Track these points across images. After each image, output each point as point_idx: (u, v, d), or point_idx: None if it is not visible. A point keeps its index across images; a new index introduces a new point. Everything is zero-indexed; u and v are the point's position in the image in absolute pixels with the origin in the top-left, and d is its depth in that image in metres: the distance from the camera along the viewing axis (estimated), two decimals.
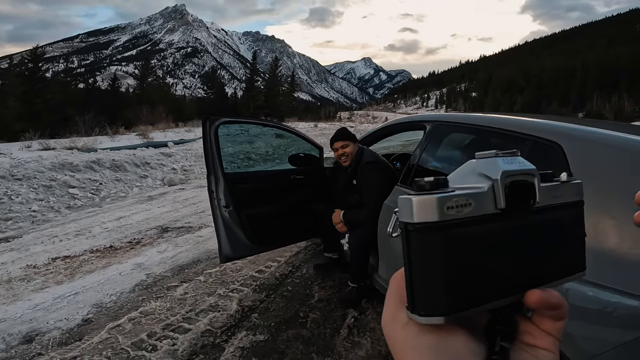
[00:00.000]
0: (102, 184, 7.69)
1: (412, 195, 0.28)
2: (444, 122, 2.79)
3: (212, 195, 2.98)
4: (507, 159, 0.31)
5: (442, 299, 0.27)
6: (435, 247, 0.27)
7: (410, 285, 0.28)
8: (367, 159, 3.19)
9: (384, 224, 2.80)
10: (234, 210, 3.00)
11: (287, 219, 3.38)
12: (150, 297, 3.43)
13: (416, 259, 0.28)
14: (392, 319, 0.31)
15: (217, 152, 2.94)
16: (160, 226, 5.40)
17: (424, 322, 0.28)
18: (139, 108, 35.25)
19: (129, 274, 3.86)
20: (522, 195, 0.29)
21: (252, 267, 3.98)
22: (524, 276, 0.30)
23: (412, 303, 0.28)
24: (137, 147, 11.25)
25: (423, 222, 0.27)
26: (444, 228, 0.27)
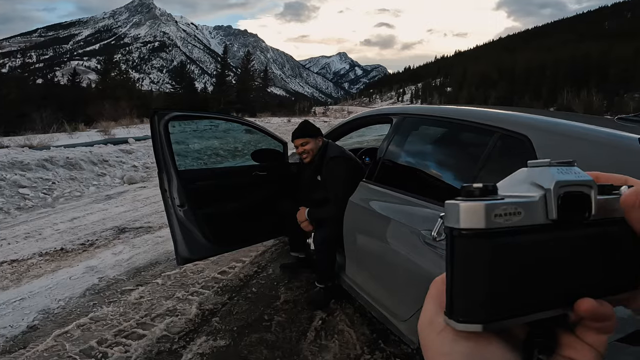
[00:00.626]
0: (55, 183, 7.37)
1: (459, 200, 0.28)
2: (410, 115, 2.75)
3: (165, 194, 2.88)
4: (562, 168, 0.30)
5: (481, 306, 0.27)
6: (479, 254, 0.27)
7: (450, 290, 0.28)
8: (332, 154, 3.13)
9: (350, 221, 2.76)
10: (189, 210, 2.91)
11: (250, 217, 3.31)
12: (102, 301, 3.29)
13: (459, 264, 0.28)
14: (429, 324, 0.31)
15: (168, 149, 2.86)
16: (117, 227, 5.21)
17: (461, 329, 0.28)
18: (101, 104, 34.39)
19: (80, 278, 3.69)
20: (576, 207, 0.29)
21: (215, 268, 3.88)
22: (569, 290, 0.29)
23: (450, 308, 0.28)
24: (94, 144, 10.84)
25: (469, 229, 0.27)
26: (491, 236, 0.27)
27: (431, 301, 0.32)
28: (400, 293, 2.27)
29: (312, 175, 3.27)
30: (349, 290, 2.90)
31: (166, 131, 2.83)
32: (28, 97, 38.72)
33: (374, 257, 2.54)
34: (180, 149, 10.98)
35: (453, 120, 2.34)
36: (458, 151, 2.51)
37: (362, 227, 2.69)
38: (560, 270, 0.29)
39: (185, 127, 15.11)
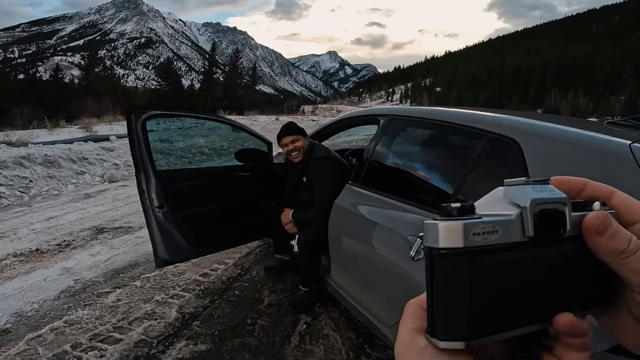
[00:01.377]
0: (33, 181, 7.23)
1: (438, 220, 0.28)
2: (398, 116, 2.73)
3: (142, 195, 2.81)
4: (537, 186, 0.31)
5: (463, 324, 0.28)
6: (459, 272, 0.28)
7: (432, 309, 0.29)
8: (318, 155, 3.11)
9: (335, 224, 2.72)
10: (168, 211, 2.85)
11: (232, 219, 3.26)
12: (78, 304, 3.21)
13: (439, 283, 0.28)
14: (406, 347, 0.30)
15: (146, 148, 2.79)
16: (96, 226, 5.11)
17: (444, 347, 0.28)
18: (84, 100, 34.00)
19: (55, 280, 3.60)
20: (551, 224, 0.30)
21: (196, 270, 3.81)
22: (549, 305, 0.30)
23: (432, 327, 0.29)
24: (74, 142, 10.63)
25: (448, 248, 0.27)
26: (470, 254, 0.27)
27: (407, 324, 0.31)
28: (386, 298, 2.24)
29: (298, 177, 3.24)
30: (334, 293, 2.86)
31: (144, 130, 2.76)
32: (8, 92, 38.08)
33: (360, 261, 2.50)
34: (164, 147, 10.89)
35: (441, 123, 2.32)
36: (446, 154, 2.49)
37: (347, 231, 2.66)
38: (538, 286, 0.29)
39: (170, 125, 14.98)
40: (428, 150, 2.64)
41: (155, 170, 2.82)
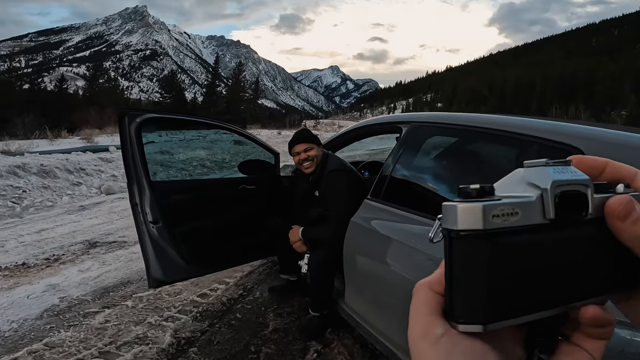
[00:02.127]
0: (26, 191, 6.99)
1: (457, 201, 0.28)
2: (424, 123, 2.47)
3: (135, 208, 2.56)
4: (558, 167, 0.30)
5: (481, 307, 0.28)
6: (478, 255, 0.27)
7: (450, 291, 0.28)
8: (332, 167, 2.84)
9: (351, 243, 2.47)
10: (164, 226, 2.59)
11: (235, 235, 3.01)
12: (61, 325, 2.94)
13: (458, 266, 0.28)
14: (422, 336, 0.29)
15: (140, 156, 2.54)
16: (88, 240, 4.85)
17: (462, 330, 0.28)
18: (87, 111, 34.06)
19: (39, 297, 3.34)
20: (573, 206, 0.29)
21: (194, 290, 3.53)
22: (569, 289, 0.29)
23: (450, 310, 0.29)
24: (71, 152, 10.39)
25: (467, 230, 0.27)
26: (489, 236, 0.27)
27: (421, 309, 0.30)
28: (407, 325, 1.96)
29: (309, 190, 2.98)
30: (348, 319, 2.58)
31: (138, 136, 2.51)
32: (11, 102, 38.17)
33: (379, 284, 2.26)
34: (164, 158, 10.65)
35: (478, 129, 2.11)
36: (483, 165, 2.28)
37: (365, 251, 2.40)
38: (558, 270, 0.28)
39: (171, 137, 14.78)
40: (461, 160, 2.44)
41: (150, 181, 2.57)
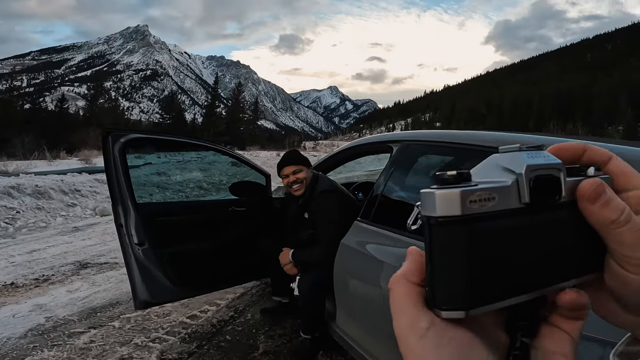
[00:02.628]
0: (20, 212, 7.12)
1: (434, 188, 0.28)
2: (414, 141, 2.45)
3: (120, 229, 2.56)
4: (531, 152, 0.31)
5: (462, 293, 0.28)
6: (457, 241, 0.28)
7: (431, 279, 0.29)
8: (322, 187, 2.83)
9: (341, 266, 2.47)
10: (150, 248, 2.60)
11: (224, 257, 3.01)
12: (45, 345, 2.99)
13: (438, 252, 0.28)
14: (409, 327, 0.29)
15: (125, 177, 2.53)
16: (79, 261, 4.93)
17: (445, 317, 0.28)
18: (86, 132, 34.31)
19: (25, 317, 3.41)
20: (547, 189, 0.30)
21: (184, 312, 3.56)
22: (546, 272, 0.30)
23: (432, 297, 0.29)
24: (67, 173, 10.58)
25: (445, 216, 0.27)
26: (467, 222, 0.27)
27: (404, 301, 0.30)
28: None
29: (299, 212, 2.97)
30: (340, 341, 2.56)
31: (122, 156, 2.51)
32: (11, 121, 38.44)
33: (370, 306, 2.24)
34: (161, 180, 10.82)
35: (472, 147, 2.02)
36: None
37: (356, 273, 2.40)
38: (536, 253, 0.29)
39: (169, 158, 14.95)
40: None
41: (136, 202, 2.58)
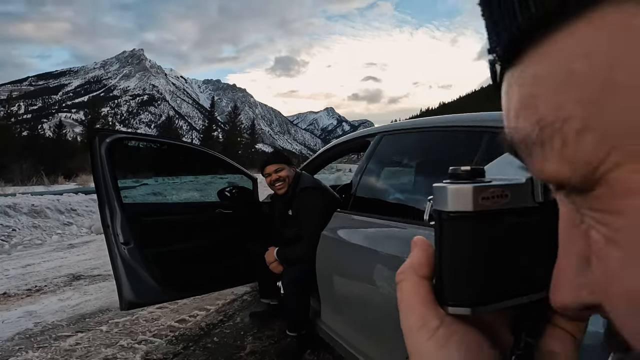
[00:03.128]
0: (16, 230, 7.21)
1: (447, 183, 0.28)
2: (389, 132, 2.50)
3: (107, 230, 2.60)
4: None
5: (470, 289, 0.27)
6: (467, 237, 0.27)
7: (440, 273, 0.28)
8: (304, 184, 2.89)
9: (323, 258, 2.47)
10: (135, 247, 2.62)
11: (211, 259, 3.03)
12: (30, 346, 3.03)
13: (447, 247, 0.28)
14: (418, 327, 0.28)
15: (112, 178, 2.55)
16: (73, 274, 4.99)
17: (451, 312, 0.28)
18: (84, 157, 34.45)
19: (14, 322, 3.46)
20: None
21: (173, 317, 3.59)
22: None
23: (440, 292, 0.28)
24: (63, 193, 10.69)
25: (457, 211, 0.27)
26: (479, 218, 0.27)
27: (413, 298, 0.29)
28: (390, 341, 1.92)
29: (283, 210, 3.00)
30: (327, 338, 2.53)
31: (109, 156, 2.54)
32: (9, 148, 38.61)
33: (354, 297, 2.22)
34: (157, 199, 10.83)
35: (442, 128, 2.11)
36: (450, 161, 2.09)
37: (337, 264, 2.39)
38: (545, 252, 0.28)
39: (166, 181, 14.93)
40: (428, 160, 2.46)
41: (122, 202, 2.62)
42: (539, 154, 0.19)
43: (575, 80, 0.17)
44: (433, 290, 0.29)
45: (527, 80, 0.19)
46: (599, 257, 0.19)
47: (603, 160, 0.16)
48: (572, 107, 0.17)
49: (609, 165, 0.16)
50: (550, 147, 0.18)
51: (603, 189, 0.17)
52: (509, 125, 0.21)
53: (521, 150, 0.20)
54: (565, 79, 0.17)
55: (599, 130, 0.16)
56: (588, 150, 0.17)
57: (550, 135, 0.18)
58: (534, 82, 0.18)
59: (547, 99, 0.18)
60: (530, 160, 0.20)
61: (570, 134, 0.17)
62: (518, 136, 0.20)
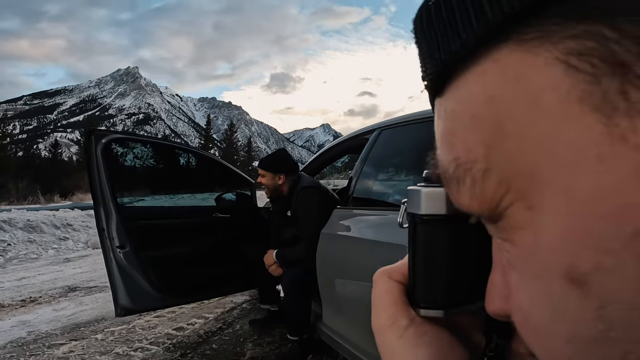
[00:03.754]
0: (11, 244, 7.17)
1: (421, 186, 0.28)
2: (387, 127, 2.47)
3: (102, 234, 2.52)
4: None
5: (442, 291, 0.28)
6: (440, 240, 0.27)
7: (413, 276, 0.29)
8: (303, 184, 2.83)
9: (323, 257, 2.41)
10: (131, 251, 2.55)
11: (209, 265, 2.98)
12: (22, 354, 2.97)
13: (421, 250, 0.28)
14: (388, 326, 0.29)
15: (108, 179, 2.49)
16: (68, 286, 4.94)
17: (423, 315, 0.28)
18: (80, 176, 34.41)
19: (7, 331, 3.41)
20: None
21: (170, 325, 3.53)
22: None
23: (412, 294, 0.29)
24: (59, 208, 10.65)
25: (431, 215, 0.27)
26: (452, 222, 0.27)
27: (385, 297, 0.30)
28: None
29: (282, 211, 2.97)
30: (329, 341, 2.46)
31: (105, 156, 2.49)
32: (4, 168, 38.54)
33: (357, 293, 2.14)
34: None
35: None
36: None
37: (338, 261, 2.32)
38: None
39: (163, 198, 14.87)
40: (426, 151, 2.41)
41: (117, 204, 2.55)
42: (454, 187, 0.21)
43: (479, 124, 0.18)
44: (405, 293, 0.30)
45: (447, 115, 0.20)
46: (505, 275, 0.21)
47: (502, 199, 0.18)
48: (478, 149, 0.18)
49: (506, 203, 0.18)
50: (463, 184, 0.20)
51: (503, 222, 0.19)
52: (436, 152, 0.22)
53: (443, 179, 0.22)
54: (472, 122, 0.18)
55: (498, 172, 0.18)
56: (491, 190, 0.18)
57: (463, 174, 0.19)
58: (451, 118, 0.20)
59: (460, 138, 0.19)
60: (449, 190, 0.22)
61: (477, 175, 0.19)
62: (440, 170, 0.22)
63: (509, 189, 0.18)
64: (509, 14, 0.16)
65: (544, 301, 0.18)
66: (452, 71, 0.19)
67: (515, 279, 0.20)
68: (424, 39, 0.20)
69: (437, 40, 0.19)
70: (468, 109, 0.19)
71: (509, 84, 0.17)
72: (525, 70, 0.16)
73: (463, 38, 0.18)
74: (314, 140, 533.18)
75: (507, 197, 0.18)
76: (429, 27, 0.19)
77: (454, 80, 0.19)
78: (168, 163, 3.44)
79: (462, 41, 0.18)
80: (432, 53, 0.20)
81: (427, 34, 0.20)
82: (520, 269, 0.19)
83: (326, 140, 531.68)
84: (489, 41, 0.17)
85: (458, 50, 0.18)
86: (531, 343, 0.20)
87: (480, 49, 0.17)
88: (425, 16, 0.20)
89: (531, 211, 0.17)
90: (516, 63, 0.17)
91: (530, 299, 0.19)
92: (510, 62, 0.17)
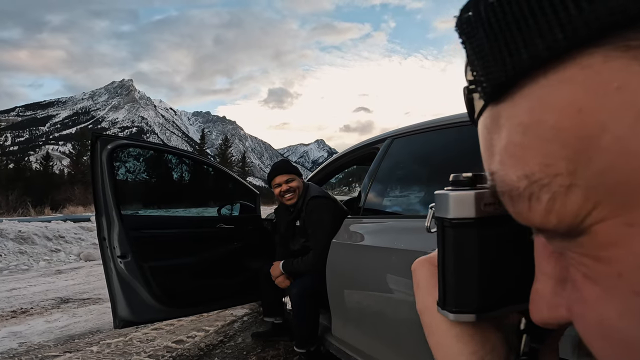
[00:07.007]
0: (2, 255, 7.10)
1: (449, 190, 0.28)
2: (398, 136, 2.42)
3: (103, 243, 2.46)
4: None
5: (473, 296, 0.28)
6: (470, 243, 0.27)
7: (443, 280, 0.28)
8: (313, 194, 2.79)
9: (333, 267, 2.36)
10: (133, 262, 2.47)
11: (212, 276, 2.92)
12: None
13: (450, 254, 0.28)
14: (437, 308, 0.30)
15: (111, 186, 2.41)
16: (61, 297, 4.84)
17: (454, 319, 0.28)
18: (71, 189, 34.29)
19: None
20: None
21: (169, 337, 3.43)
22: None
23: (443, 298, 0.29)
24: (52, 220, 10.55)
25: (459, 218, 0.27)
26: (481, 225, 0.27)
27: (430, 281, 0.31)
28: (408, 348, 1.77)
29: (291, 221, 2.90)
30: (338, 353, 2.37)
31: (109, 163, 2.41)
32: None
33: (369, 304, 2.09)
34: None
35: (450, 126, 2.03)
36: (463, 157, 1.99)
37: (350, 271, 2.26)
38: None
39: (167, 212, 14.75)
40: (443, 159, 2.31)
41: (120, 213, 2.48)
42: (524, 205, 0.19)
43: (562, 137, 0.17)
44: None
45: (514, 127, 0.18)
46: (576, 287, 0.20)
47: (589, 214, 0.17)
48: (560, 164, 0.17)
49: (594, 219, 0.17)
50: (538, 200, 0.18)
51: (587, 237, 0.18)
52: (490, 169, 0.21)
53: (504, 198, 0.20)
54: (553, 134, 0.17)
55: (586, 187, 0.16)
56: (575, 205, 0.17)
57: (538, 190, 0.18)
58: (522, 131, 0.18)
59: (536, 153, 0.18)
60: (512, 208, 0.20)
61: (559, 190, 0.17)
62: (502, 186, 0.20)
63: (598, 204, 0.16)
64: (620, 17, 0.14)
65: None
66: (524, 76, 0.17)
67: (597, 294, 0.18)
68: (486, 38, 0.18)
69: (508, 39, 0.17)
70: (547, 120, 0.17)
71: (606, 94, 0.15)
72: (629, 79, 0.15)
73: (548, 39, 0.16)
74: (307, 156, 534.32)
75: (595, 212, 0.17)
76: (497, 24, 0.17)
77: (524, 87, 0.17)
78: (174, 172, 3.39)
79: (546, 43, 0.16)
80: (499, 54, 0.18)
81: (492, 32, 0.17)
82: (608, 284, 0.18)
83: (320, 156, 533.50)
84: (580, 45, 0.15)
85: (540, 53, 0.16)
86: (612, 355, 0.19)
87: (566, 53, 0.16)
88: (491, 11, 0.17)
89: (631, 228, 0.16)
90: (618, 71, 0.15)
91: (620, 313, 0.18)
92: (608, 69, 0.15)
